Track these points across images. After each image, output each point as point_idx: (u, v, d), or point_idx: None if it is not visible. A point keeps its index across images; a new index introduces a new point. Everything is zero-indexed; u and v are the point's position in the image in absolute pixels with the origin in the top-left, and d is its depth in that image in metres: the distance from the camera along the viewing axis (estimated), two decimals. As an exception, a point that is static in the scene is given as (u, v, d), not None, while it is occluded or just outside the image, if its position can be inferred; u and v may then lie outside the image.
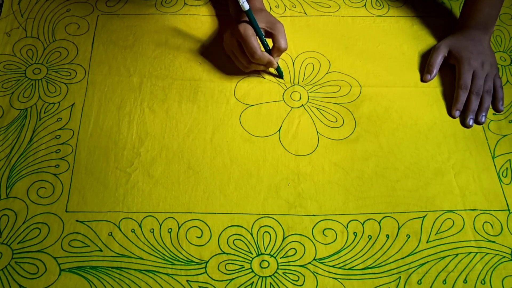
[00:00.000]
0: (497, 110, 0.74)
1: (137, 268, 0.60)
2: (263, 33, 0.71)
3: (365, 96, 0.75)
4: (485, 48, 0.77)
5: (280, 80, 0.76)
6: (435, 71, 0.77)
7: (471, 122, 0.73)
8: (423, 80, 0.77)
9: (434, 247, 0.63)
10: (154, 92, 0.74)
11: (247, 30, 0.68)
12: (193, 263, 0.61)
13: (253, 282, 0.60)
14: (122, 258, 0.61)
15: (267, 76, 0.76)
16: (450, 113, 0.74)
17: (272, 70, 0.76)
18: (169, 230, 0.63)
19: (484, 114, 0.73)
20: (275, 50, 0.71)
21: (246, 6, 0.68)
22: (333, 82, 0.76)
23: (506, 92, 0.76)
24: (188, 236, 0.63)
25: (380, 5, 0.86)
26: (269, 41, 0.73)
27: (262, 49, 0.71)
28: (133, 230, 0.63)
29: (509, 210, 0.66)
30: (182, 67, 0.77)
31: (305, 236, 0.63)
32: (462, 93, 0.74)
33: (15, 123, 0.70)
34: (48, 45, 0.78)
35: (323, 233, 0.64)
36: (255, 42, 0.69)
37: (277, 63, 0.72)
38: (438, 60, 0.77)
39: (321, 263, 0.62)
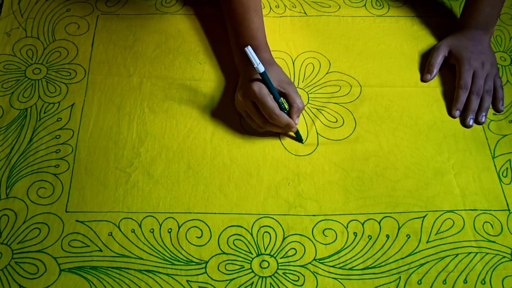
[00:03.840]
0: (497, 110, 0.74)
1: (137, 268, 0.60)
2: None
3: (365, 96, 0.75)
4: (485, 48, 0.77)
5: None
6: (435, 71, 0.77)
7: (471, 122, 0.73)
8: (423, 80, 0.77)
9: (434, 247, 0.63)
10: (154, 92, 0.74)
11: (262, 89, 0.64)
12: (193, 263, 0.61)
13: (253, 282, 0.60)
14: (122, 258, 0.61)
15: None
16: (450, 113, 0.74)
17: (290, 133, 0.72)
18: (169, 230, 0.63)
19: (484, 114, 0.73)
20: (294, 111, 0.66)
21: (261, 69, 0.63)
22: (333, 82, 0.76)
23: (506, 92, 0.76)
24: (188, 236, 0.63)
25: (380, 5, 0.86)
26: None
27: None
28: (133, 230, 0.63)
29: (509, 210, 0.66)
30: (182, 67, 0.77)
31: (305, 236, 0.63)
32: (462, 93, 0.74)
33: (15, 123, 0.70)
34: (48, 45, 0.78)
35: (323, 233, 0.64)
36: (272, 102, 0.64)
37: (296, 127, 0.67)
38: (438, 60, 0.77)
39: (321, 263, 0.62)
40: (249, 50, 0.63)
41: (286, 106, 0.67)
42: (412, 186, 0.67)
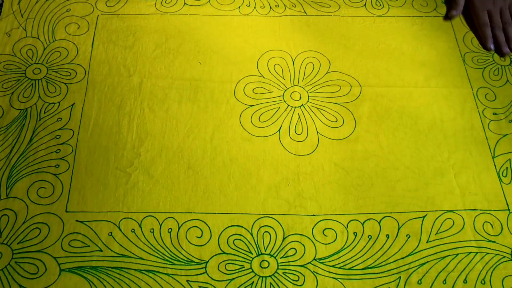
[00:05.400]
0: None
1: (137, 268, 0.60)
2: None
3: (365, 96, 0.75)
4: None
5: (280, 79, 0.76)
6: (461, 8, 0.81)
7: (507, 50, 0.79)
8: (448, 16, 0.81)
9: (434, 247, 0.63)
10: (154, 92, 0.74)
11: None
12: (193, 263, 0.61)
13: (253, 282, 0.60)
14: (122, 258, 0.61)
15: (267, 76, 0.76)
16: (485, 47, 0.79)
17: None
18: (169, 230, 0.63)
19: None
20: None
21: None
22: (333, 82, 0.76)
23: (506, 92, 0.76)
24: (188, 236, 0.63)
25: (380, 5, 0.86)
26: None
27: None
28: (133, 230, 0.63)
29: (509, 210, 0.66)
30: (182, 67, 0.77)
31: (305, 236, 0.63)
32: (486, 29, 0.80)
33: (15, 123, 0.70)
34: (48, 45, 0.78)
35: (323, 233, 0.64)
36: None
37: None
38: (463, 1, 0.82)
39: (321, 263, 0.62)
40: None
41: None
42: (412, 186, 0.67)
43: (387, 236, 0.64)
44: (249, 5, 0.84)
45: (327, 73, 0.77)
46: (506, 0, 0.81)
